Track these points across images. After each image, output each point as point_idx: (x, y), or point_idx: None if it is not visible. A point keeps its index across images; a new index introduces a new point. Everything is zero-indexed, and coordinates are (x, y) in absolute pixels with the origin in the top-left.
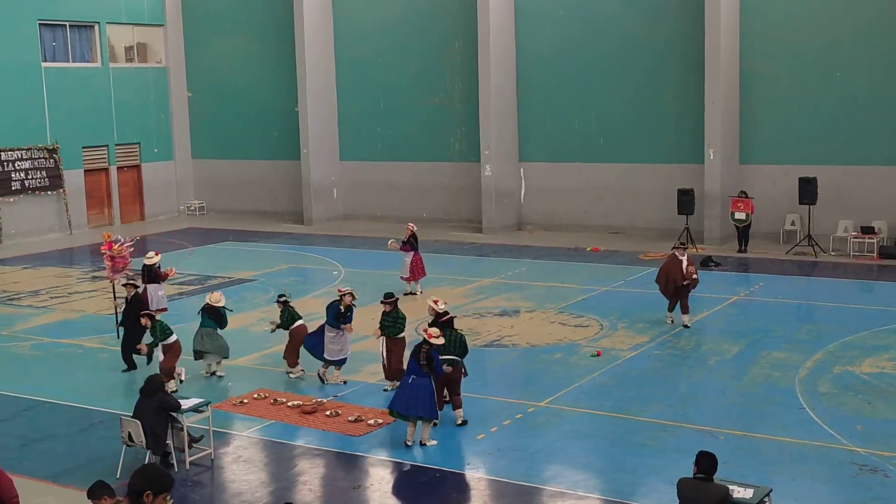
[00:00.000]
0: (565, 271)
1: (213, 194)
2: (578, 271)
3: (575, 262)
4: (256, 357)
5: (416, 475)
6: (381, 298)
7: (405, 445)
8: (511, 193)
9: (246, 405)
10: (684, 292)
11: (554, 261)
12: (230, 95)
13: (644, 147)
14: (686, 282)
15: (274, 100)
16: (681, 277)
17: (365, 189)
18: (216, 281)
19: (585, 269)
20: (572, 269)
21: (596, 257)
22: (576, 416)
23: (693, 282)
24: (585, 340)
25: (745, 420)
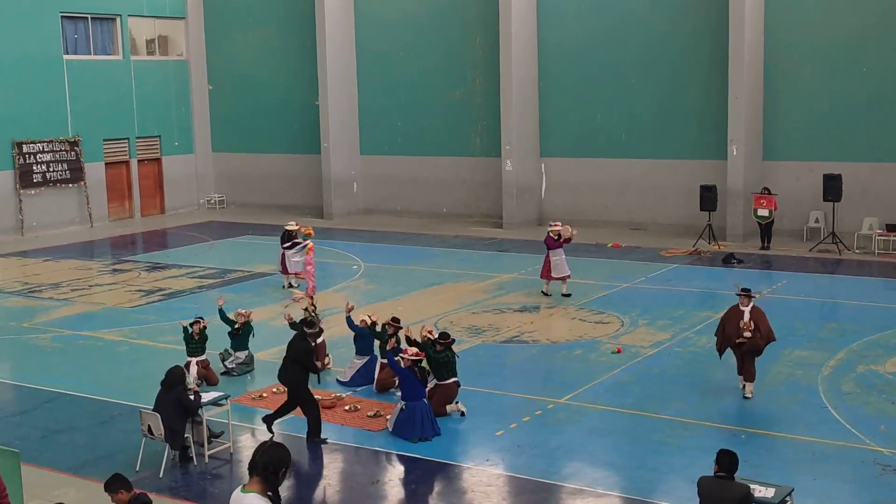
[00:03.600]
0: (586, 267)
1: (233, 188)
2: (599, 267)
3: (596, 258)
4: (276, 351)
5: (435, 471)
6: (438, 337)
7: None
8: (532, 189)
9: (265, 399)
10: (747, 354)
11: (575, 257)
12: (251, 88)
13: (667, 142)
14: (739, 340)
15: (294, 93)
16: (736, 333)
17: (385, 183)
18: (236, 275)
19: (606, 265)
20: (593, 264)
21: (617, 253)
22: (596, 413)
23: (750, 343)
24: (606, 337)
25: (766, 419)
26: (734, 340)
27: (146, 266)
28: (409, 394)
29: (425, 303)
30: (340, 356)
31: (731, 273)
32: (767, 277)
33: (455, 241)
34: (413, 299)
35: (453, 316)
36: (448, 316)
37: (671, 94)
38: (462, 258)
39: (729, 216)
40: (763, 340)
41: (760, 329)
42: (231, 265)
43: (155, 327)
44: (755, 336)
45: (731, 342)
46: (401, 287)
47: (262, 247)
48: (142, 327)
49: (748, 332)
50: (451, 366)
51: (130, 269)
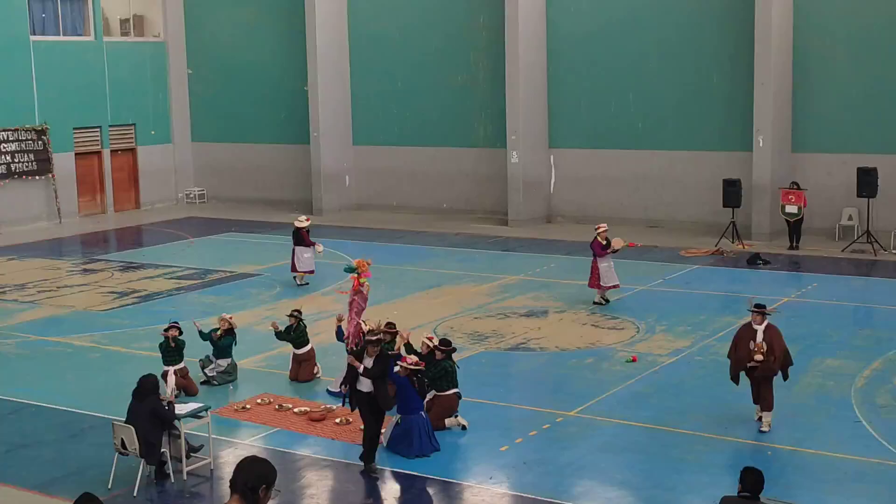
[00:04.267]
0: None
1: (215, 181)
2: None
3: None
4: (260, 359)
5: (434, 489)
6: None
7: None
8: (540, 183)
9: (248, 411)
10: (762, 380)
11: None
12: (234, 73)
13: (687, 133)
14: (751, 364)
15: (282, 78)
16: (747, 355)
17: (380, 176)
18: (217, 276)
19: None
20: None
21: (633, 253)
22: (609, 428)
23: (763, 367)
24: (620, 345)
25: (795, 434)
26: (745, 364)
27: (119, 266)
28: (405, 406)
29: (423, 307)
30: (330, 365)
31: (757, 275)
32: (796, 280)
33: (456, 240)
34: (410, 303)
35: (454, 321)
36: (448, 321)
37: (692, 80)
38: (463, 258)
39: (754, 213)
40: (777, 364)
41: (774, 351)
42: (212, 265)
43: (129, 332)
44: (768, 359)
45: (742, 365)
46: (397, 290)
47: (246, 245)
48: (115, 332)
49: (759, 356)
50: (452, 376)
51: (102, 268)
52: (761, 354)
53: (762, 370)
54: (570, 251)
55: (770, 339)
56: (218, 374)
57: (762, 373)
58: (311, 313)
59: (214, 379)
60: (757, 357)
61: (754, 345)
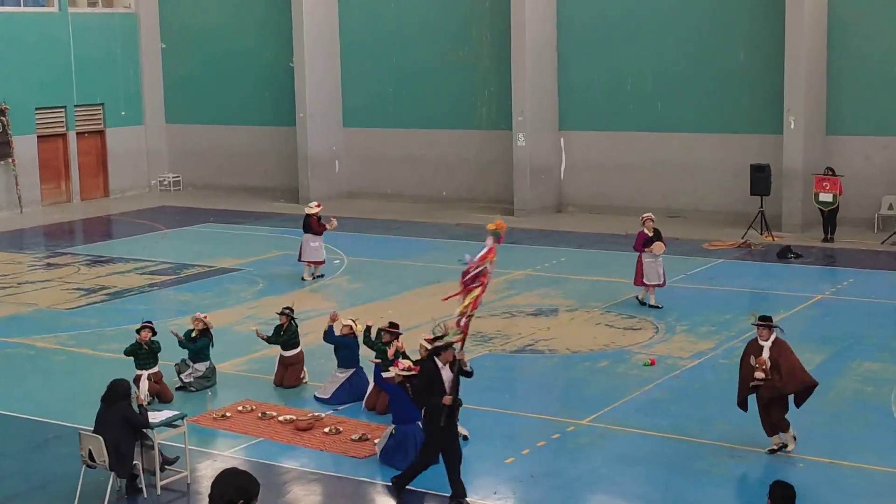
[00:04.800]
0: (613, 263)
1: (192, 167)
2: (630, 263)
3: (625, 252)
4: (241, 362)
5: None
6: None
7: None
8: (549, 168)
9: (229, 419)
10: (770, 403)
11: (600, 250)
12: (213, 48)
13: (710, 114)
14: (753, 382)
15: (265, 53)
16: (751, 374)
17: (373, 162)
18: (194, 271)
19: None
20: (622, 260)
21: None
22: (625, 437)
23: (766, 388)
24: (637, 346)
25: (829, 444)
26: (748, 384)
27: (86, 260)
28: (400, 416)
29: (421, 305)
30: (318, 369)
31: (787, 270)
32: (830, 275)
33: (457, 232)
34: (406, 301)
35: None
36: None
37: (716, 55)
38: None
39: (785, 202)
40: (782, 383)
41: (781, 369)
42: (188, 259)
43: (97, 333)
44: (773, 378)
45: (748, 386)
46: (391, 286)
47: (226, 237)
48: (82, 333)
49: (760, 373)
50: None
51: (68, 263)
52: (762, 372)
53: (766, 390)
54: (583, 244)
55: (776, 355)
56: (195, 380)
57: (766, 393)
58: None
59: (191, 384)
60: (757, 374)
61: (756, 360)
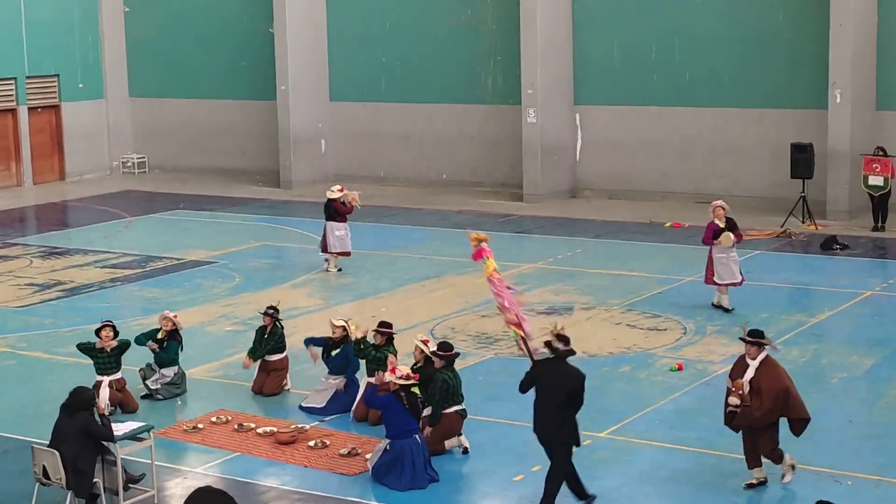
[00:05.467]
0: (636, 255)
1: (159, 146)
2: (654, 255)
3: (650, 243)
4: (215, 367)
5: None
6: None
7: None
8: (563, 148)
9: (201, 432)
10: (754, 431)
11: (620, 240)
12: (182, 11)
13: (746, 86)
14: (729, 408)
15: (241, 18)
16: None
17: (364, 141)
18: (161, 263)
19: (664, 251)
20: (646, 251)
21: (678, 236)
22: (649, 452)
23: (742, 417)
24: (663, 349)
25: (879, 460)
26: (726, 410)
27: (40, 251)
28: (394, 429)
29: (418, 302)
30: (302, 375)
31: (832, 262)
32: (881, 268)
33: (459, 219)
34: (401, 297)
35: (456, 320)
36: (449, 320)
37: (753, 20)
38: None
39: (830, 186)
40: (762, 412)
41: (763, 395)
42: (155, 250)
43: (52, 334)
44: (752, 405)
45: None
46: (384, 281)
47: (198, 226)
48: (35, 334)
49: (735, 398)
50: (454, 389)
51: (18, 255)
52: (737, 397)
53: (741, 419)
54: (601, 233)
55: (761, 378)
56: (163, 387)
57: (741, 423)
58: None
59: (158, 392)
60: (731, 400)
61: (733, 384)
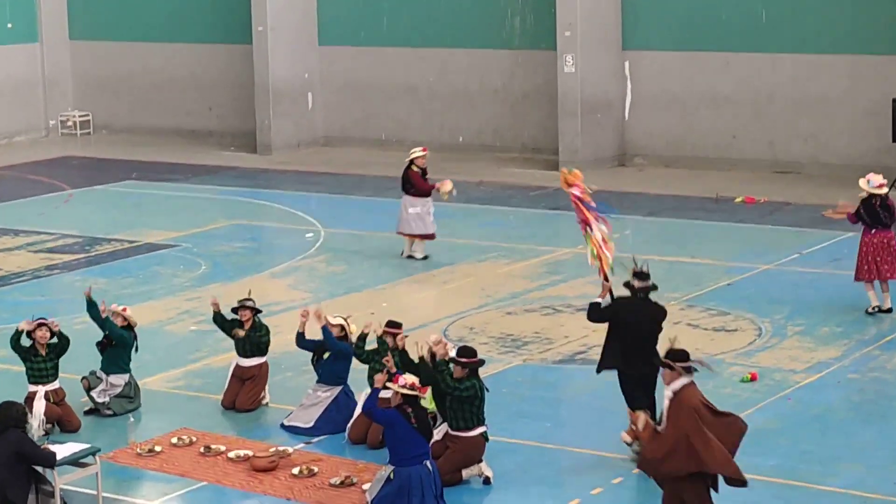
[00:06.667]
0: (698, 238)
1: (106, 101)
2: (720, 237)
3: (716, 222)
4: (177, 375)
5: None
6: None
7: None
8: (608, 104)
9: (159, 455)
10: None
11: (679, 219)
12: None
13: (835, 27)
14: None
15: None
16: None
17: (360, 95)
18: (108, 247)
19: (733, 233)
20: (710, 233)
21: (750, 214)
22: None
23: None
24: (731, 355)
25: None
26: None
27: None
28: (399, 453)
29: (427, 296)
30: (284, 385)
31: None
32: None
33: (478, 193)
34: (406, 290)
35: (475, 317)
36: (466, 318)
37: None
38: (490, 222)
39: None
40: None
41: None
42: (101, 231)
43: None
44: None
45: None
46: (385, 269)
47: (155, 201)
48: None
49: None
50: (477, 405)
51: None
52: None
53: (641, 464)
54: (655, 210)
55: (667, 413)
56: (112, 399)
57: (644, 467)
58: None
59: (107, 406)
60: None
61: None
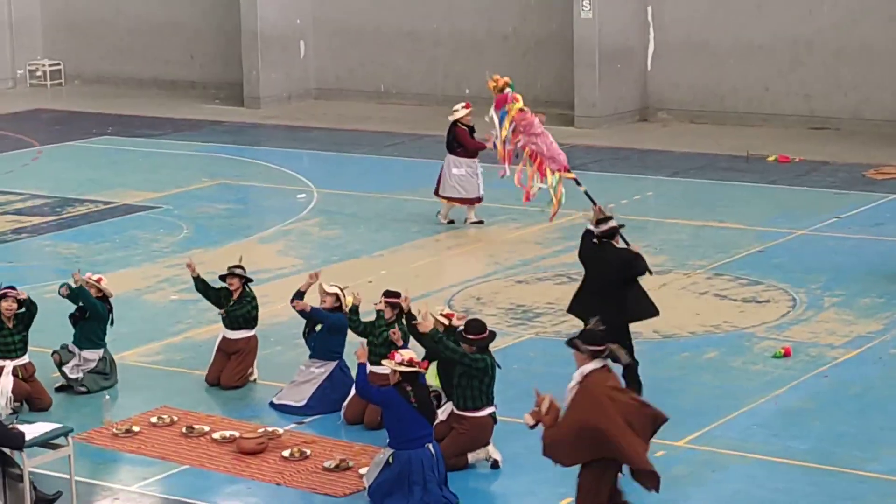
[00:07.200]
0: (728, 199)
1: (79, 48)
2: (751, 200)
3: (745, 184)
4: (156, 349)
5: None
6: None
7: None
8: (629, 52)
9: (137, 436)
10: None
11: (707, 180)
12: None
13: None
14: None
15: None
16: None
17: (358, 42)
18: (82, 209)
19: (765, 195)
20: (740, 195)
21: (785, 173)
22: (742, 468)
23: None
24: (763, 328)
25: None
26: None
27: None
28: (399, 435)
29: (431, 263)
30: (273, 360)
31: None
32: None
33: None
34: (407, 256)
35: (482, 287)
36: (473, 287)
37: None
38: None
39: None
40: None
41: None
42: (73, 191)
43: None
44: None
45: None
46: (385, 234)
47: (132, 158)
48: None
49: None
50: (487, 382)
51: None
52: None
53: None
54: (680, 170)
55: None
56: (86, 375)
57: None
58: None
59: (80, 382)
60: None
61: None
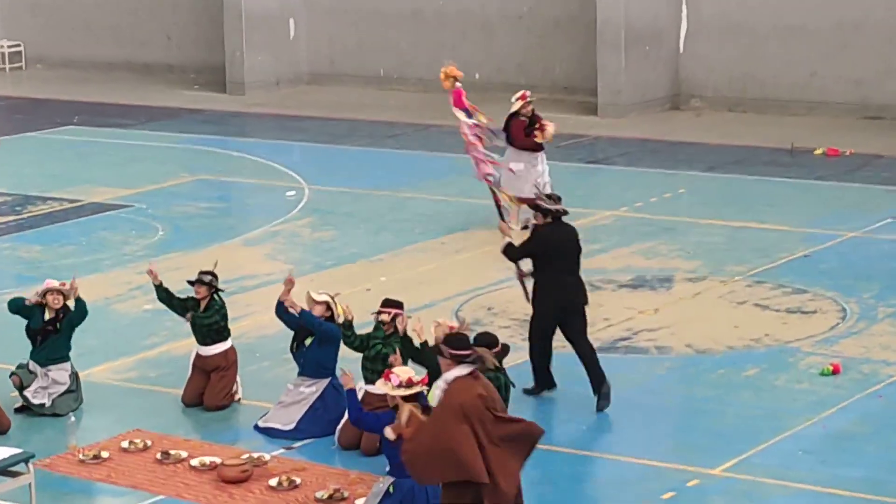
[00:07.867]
0: (770, 198)
1: (41, 28)
2: (797, 198)
3: (789, 180)
4: (128, 364)
5: None
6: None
7: None
8: (659, 34)
9: (106, 463)
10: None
11: (746, 175)
12: None
13: None
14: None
15: None
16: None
17: (354, 21)
18: (45, 207)
19: (810, 192)
20: (785, 193)
21: (833, 168)
22: (786, 497)
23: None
24: (809, 342)
25: None
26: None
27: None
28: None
29: (433, 268)
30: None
31: None
32: None
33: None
34: (410, 261)
35: (494, 295)
36: (483, 295)
37: None
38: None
39: None
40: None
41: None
42: (36, 187)
43: None
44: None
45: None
46: (383, 235)
47: (101, 150)
48: None
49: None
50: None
51: None
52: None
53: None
54: (716, 164)
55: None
56: (56, 401)
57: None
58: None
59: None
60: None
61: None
